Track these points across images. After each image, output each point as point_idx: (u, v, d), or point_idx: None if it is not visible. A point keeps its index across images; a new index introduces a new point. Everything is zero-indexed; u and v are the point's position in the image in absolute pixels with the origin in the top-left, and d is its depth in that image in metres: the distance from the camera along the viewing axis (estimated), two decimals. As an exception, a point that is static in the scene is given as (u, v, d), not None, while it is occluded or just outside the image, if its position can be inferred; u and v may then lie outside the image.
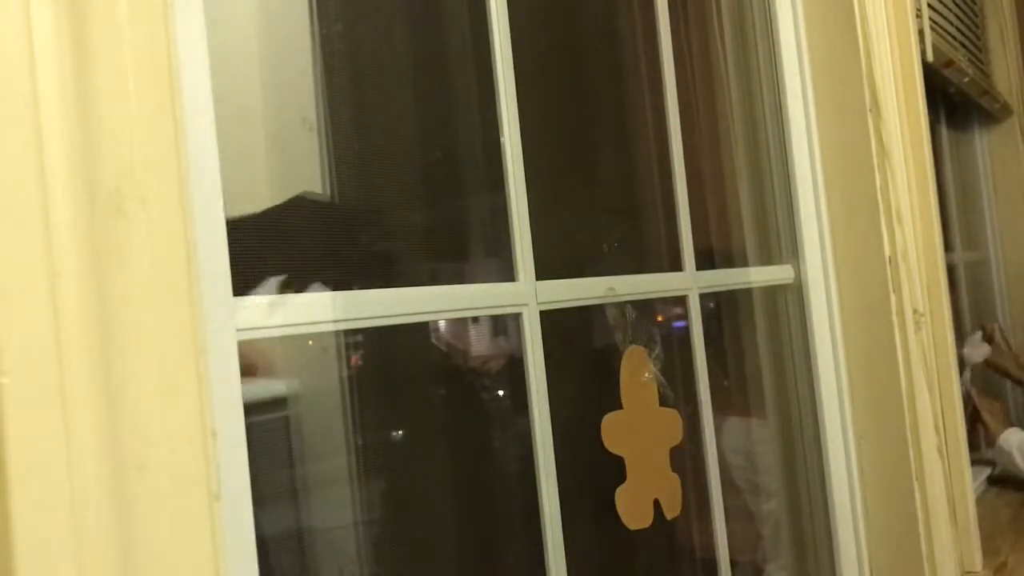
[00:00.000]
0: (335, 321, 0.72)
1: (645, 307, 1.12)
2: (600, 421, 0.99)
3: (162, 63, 0.50)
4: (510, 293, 0.90)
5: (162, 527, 0.46)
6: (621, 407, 1.02)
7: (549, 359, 0.91)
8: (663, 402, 1.08)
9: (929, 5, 1.86)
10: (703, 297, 1.20)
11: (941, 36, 1.99)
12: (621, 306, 1.06)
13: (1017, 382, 2.16)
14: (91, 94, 0.46)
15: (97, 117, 0.46)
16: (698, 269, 1.20)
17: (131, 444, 0.45)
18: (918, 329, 1.39)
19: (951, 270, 2.32)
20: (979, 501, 1.71)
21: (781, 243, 1.41)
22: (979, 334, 2.20)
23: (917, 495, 1.34)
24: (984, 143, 2.72)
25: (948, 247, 2.20)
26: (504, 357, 0.94)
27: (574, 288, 0.98)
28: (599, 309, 1.05)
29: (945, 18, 2.07)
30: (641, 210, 1.25)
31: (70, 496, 0.42)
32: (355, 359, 0.82)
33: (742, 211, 1.41)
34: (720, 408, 1.19)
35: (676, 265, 1.18)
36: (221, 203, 0.56)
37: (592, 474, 1.01)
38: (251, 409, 0.59)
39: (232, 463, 0.55)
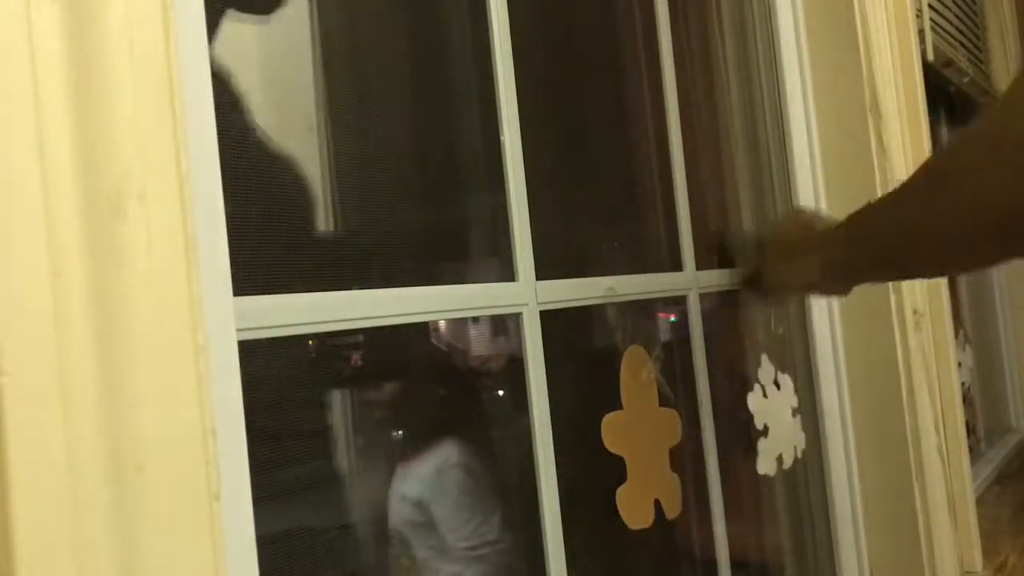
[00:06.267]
0: (335, 321, 0.72)
1: (645, 307, 1.12)
2: (600, 421, 0.99)
3: (162, 63, 0.49)
4: (510, 293, 0.90)
5: (162, 527, 0.46)
6: (621, 407, 1.02)
7: (549, 359, 0.91)
8: (663, 402, 1.08)
9: (929, 5, 1.86)
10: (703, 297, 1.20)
11: (941, 36, 1.99)
12: (621, 306, 1.06)
13: None
14: (91, 94, 0.46)
15: (97, 117, 0.46)
16: (698, 269, 1.20)
17: (131, 444, 0.45)
18: (918, 329, 1.39)
19: (951, 270, 2.31)
20: (979, 501, 1.71)
21: (781, 243, 1.40)
22: None
23: (917, 495, 1.34)
24: (984, 143, 2.71)
25: (948, 247, 2.20)
26: (504, 357, 0.94)
27: (574, 288, 0.98)
28: (599, 309, 1.05)
29: (945, 18, 2.07)
30: (641, 210, 1.25)
31: (70, 496, 0.42)
32: (355, 359, 0.82)
33: (742, 211, 1.41)
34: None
35: (676, 265, 1.18)
36: (221, 203, 0.56)
37: (592, 474, 1.01)
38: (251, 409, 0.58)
39: (232, 463, 0.55)
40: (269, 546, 0.60)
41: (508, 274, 0.91)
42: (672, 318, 1.19)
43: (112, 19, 0.47)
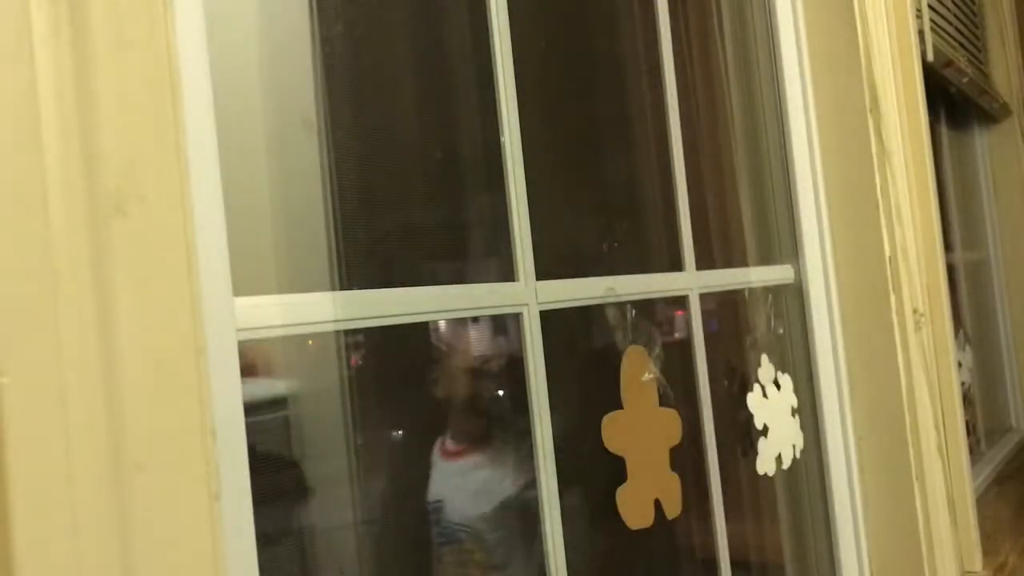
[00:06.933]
0: (335, 321, 0.72)
1: (645, 307, 1.12)
2: (600, 421, 0.99)
3: (162, 63, 0.50)
4: (510, 293, 0.90)
5: (162, 527, 0.46)
6: (621, 407, 1.02)
7: (549, 359, 0.91)
8: (663, 402, 1.08)
9: (929, 5, 1.86)
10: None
11: (941, 36, 2.00)
12: (621, 306, 1.06)
13: None
14: (91, 94, 0.46)
15: (97, 117, 0.46)
16: (698, 269, 1.20)
17: (131, 444, 0.45)
18: (918, 329, 1.40)
19: (951, 270, 2.32)
20: (979, 501, 1.71)
21: (781, 243, 1.41)
22: None
23: (917, 495, 1.34)
24: (984, 143, 2.72)
25: (948, 247, 2.20)
26: (504, 357, 0.94)
27: (574, 288, 0.98)
28: (599, 309, 1.05)
29: (945, 18, 2.07)
30: (641, 210, 1.25)
31: (70, 496, 0.42)
32: (355, 359, 0.82)
33: (742, 211, 1.41)
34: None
35: (676, 265, 1.18)
36: (221, 203, 0.56)
37: (592, 474, 1.01)
38: (252, 409, 0.59)
39: (232, 463, 0.55)
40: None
41: (508, 274, 0.91)
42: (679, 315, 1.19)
43: (112, 19, 0.47)
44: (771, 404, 1.29)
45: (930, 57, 1.82)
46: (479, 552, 0.91)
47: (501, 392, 0.97)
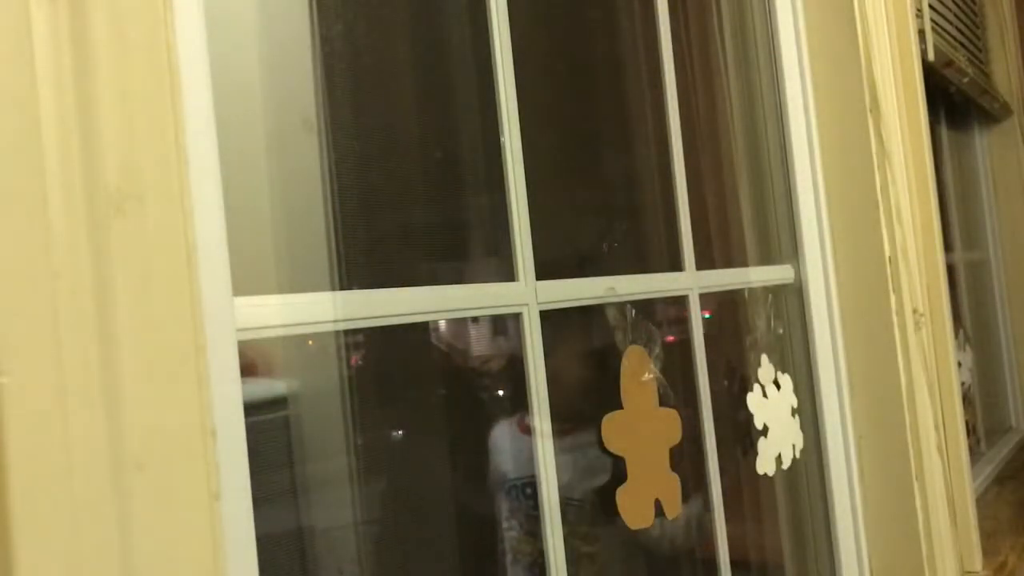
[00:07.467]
0: (335, 321, 0.72)
1: (645, 307, 1.12)
2: (600, 421, 0.99)
3: (162, 63, 0.50)
4: (510, 293, 0.90)
5: (162, 527, 0.46)
6: (621, 407, 1.02)
7: (549, 359, 0.91)
8: (663, 402, 1.08)
9: (929, 5, 1.86)
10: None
11: (941, 36, 1.99)
12: (621, 306, 1.06)
13: None
14: (91, 94, 0.46)
15: (97, 117, 0.46)
16: (698, 269, 1.20)
17: (131, 444, 0.45)
18: (918, 329, 1.40)
19: (951, 270, 2.32)
20: (979, 501, 1.71)
21: (781, 243, 1.41)
22: None
23: (917, 495, 1.34)
24: (984, 143, 2.72)
25: (948, 247, 2.20)
26: (504, 357, 0.94)
27: (574, 288, 0.98)
28: (599, 309, 1.05)
29: (945, 18, 2.07)
30: (641, 210, 1.25)
31: (70, 496, 0.42)
32: (355, 359, 0.82)
33: (742, 211, 1.41)
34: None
35: (676, 265, 1.18)
36: (221, 203, 0.56)
37: (592, 474, 1.01)
38: (251, 409, 0.59)
39: (232, 463, 0.55)
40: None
41: (508, 274, 0.91)
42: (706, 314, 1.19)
43: (112, 19, 0.47)
44: (771, 404, 1.29)
45: (930, 57, 1.82)
46: (584, 526, 0.91)
47: (500, 392, 0.97)
